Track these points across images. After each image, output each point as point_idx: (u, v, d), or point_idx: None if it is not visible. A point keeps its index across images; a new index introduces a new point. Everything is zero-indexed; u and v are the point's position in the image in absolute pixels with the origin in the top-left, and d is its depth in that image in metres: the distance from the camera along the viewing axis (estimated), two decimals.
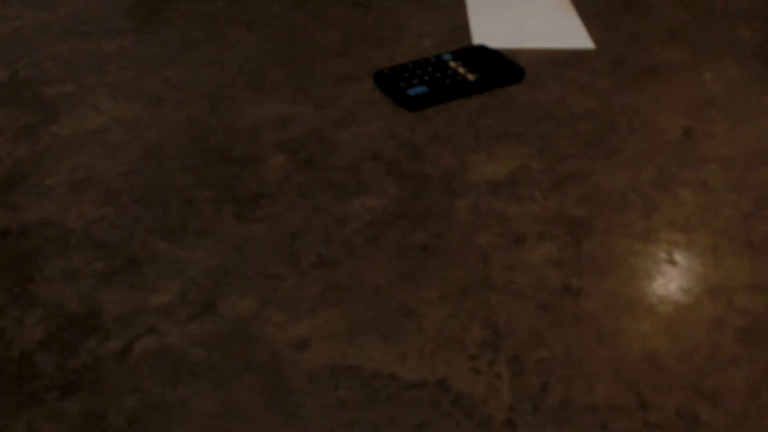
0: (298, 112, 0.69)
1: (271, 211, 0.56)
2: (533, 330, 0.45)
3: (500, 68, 0.74)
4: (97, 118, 0.69)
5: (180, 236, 0.53)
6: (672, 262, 0.51)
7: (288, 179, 0.59)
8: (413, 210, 0.56)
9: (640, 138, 0.65)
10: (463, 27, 0.87)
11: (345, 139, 0.65)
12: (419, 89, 0.70)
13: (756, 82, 0.75)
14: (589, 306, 0.47)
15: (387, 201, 0.57)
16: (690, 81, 0.75)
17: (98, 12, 0.93)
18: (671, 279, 0.49)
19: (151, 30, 0.88)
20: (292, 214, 0.55)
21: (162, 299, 0.48)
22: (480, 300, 0.47)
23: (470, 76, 0.72)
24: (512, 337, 0.45)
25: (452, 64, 0.75)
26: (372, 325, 0.46)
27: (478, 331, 0.45)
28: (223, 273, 0.50)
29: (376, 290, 0.48)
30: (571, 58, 0.80)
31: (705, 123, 0.68)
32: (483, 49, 0.78)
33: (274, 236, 0.53)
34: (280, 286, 0.48)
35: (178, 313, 0.47)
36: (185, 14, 0.92)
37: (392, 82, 0.71)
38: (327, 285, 0.49)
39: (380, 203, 0.56)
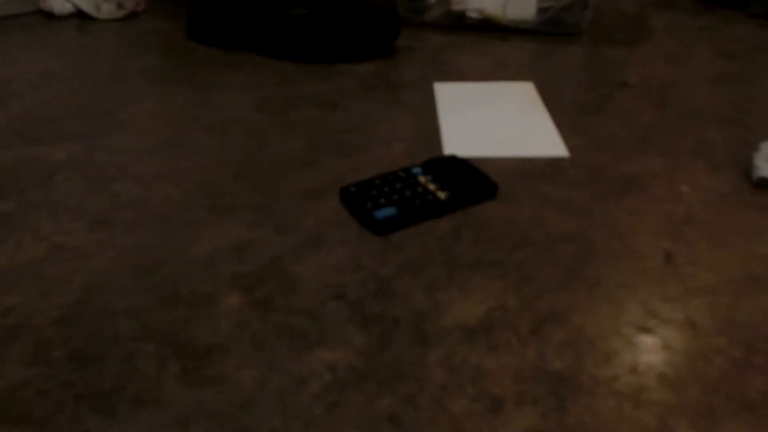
0: (258, 238, 0.64)
1: (221, 370, 0.50)
2: None
3: (473, 183, 0.70)
4: (35, 245, 0.63)
5: (115, 406, 0.47)
6: (666, 431, 0.46)
7: (242, 326, 0.54)
8: (380, 366, 0.50)
9: (621, 266, 0.62)
10: (434, 131, 0.84)
11: (306, 272, 0.60)
12: (387, 211, 0.65)
13: (732, 195, 0.73)
14: None
15: (350, 354, 0.51)
16: (666, 195, 0.72)
17: (54, 110, 0.88)
18: None
19: (105, 134, 0.83)
20: (245, 374, 0.50)
21: None
22: None
23: (441, 194, 0.68)
24: None
25: (422, 179, 0.71)
26: None
27: None
28: None
29: None
30: (546, 168, 0.77)
31: (685, 245, 0.64)
32: (454, 161, 0.74)
33: (223, 405, 0.47)
34: None
35: None
36: (143, 115, 0.88)
37: (358, 201, 0.67)
38: None
39: (343, 358, 0.51)
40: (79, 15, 1.23)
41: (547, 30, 1.17)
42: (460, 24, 1.20)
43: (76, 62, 1.04)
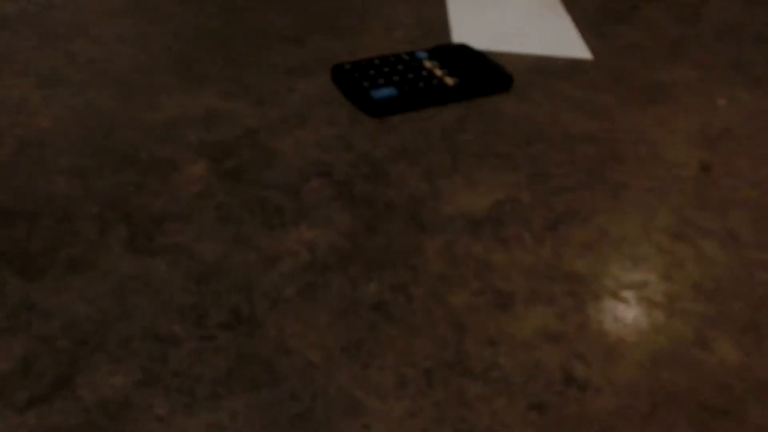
0: (232, 109, 0.55)
1: (177, 239, 0.41)
2: None
3: (484, 73, 0.61)
4: None
5: (44, 269, 0.38)
6: (703, 345, 0.39)
7: (205, 195, 0.45)
8: (368, 250, 0.42)
9: (650, 172, 0.53)
10: (442, 22, 0.74)
11: (287, 147, 0.51)
12: (385, 91, 0.56)
13: None
14: (599, 405, 0.34)
15: (334, 235, 0.43)
16: (701, 106, 0.64)
17: None
18: (705, 373, 0.37)
19: None
20: (205, 246, 0.41)
21: None
22: (451, 390, 0.34)
23: (449, 80, 0.59)
24: None
25: (427, 63, 0.62)
26: (298, 426, 0.32)
27: None
28: (94, 330, 0.35)
29: (308, 369, 0.34)
30: (565, 68, 0.68)
31: (723, 157, 0.56)
32: (465, 50, 0.65)
33: (175, 278, 0.39)
34: (170, 356, 0.34)
35: (14, 394, 0.32)
36: None
37: (353, 80, 0.58)
38: (239, 358, 0.35)
39: (325, 238, 0.43)
40: None
41: None
42: None
43: None
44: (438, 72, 0.60)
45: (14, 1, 0.69)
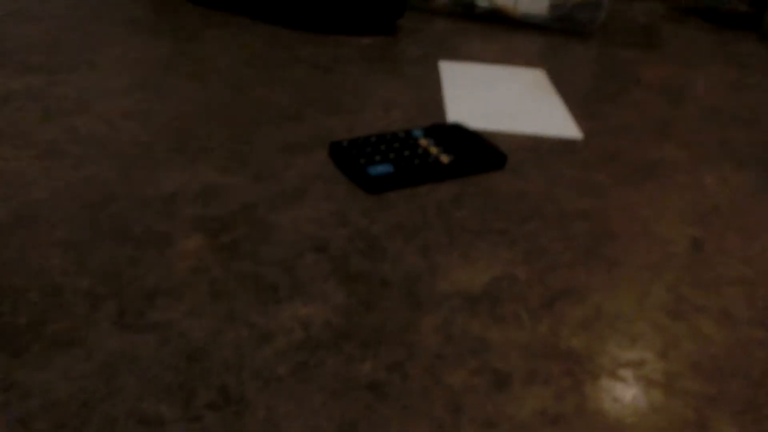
0: (230, 184, 0.55)
1: (168, 315, 0.41)
2: None
3: (479, 151, 0.62)
4: None
5: (27, 345, 0.37)
6: (704, 426, 0.38)
7: (199, 271, 0.45)
8: (363, 327, 0.42)
9: (644, 248, 0.54)
10: (437, 102, 0.77)
11: (283, 221, 0.51)
12: (382, 168, 0.57)
13: (762, 191, 0.66)
14: None
15: (329, 312, 0.42)
16: (690, 184, 0.65)
17: (18, 44, 0.79)
18: None
19: (72, 71, 0.74)
20: (197, 323, 0.40)
21: None
22: None
23: (444, 158, 0.60)
24: None
25: (423, 141, 0.63)
26: None
27: None
28: (75, 410, 0.34)
29: None
30: (558, 147, 0.69)
31: (714, 234, 0.57)
32: (459, 129, 0.66)
33: (164, 355, 0.38)
34: None
35: None
36: (119, 58, 0.79)
37: (350, 157, 0.59)
38: None
39: (319, 314, 0.42)
40: None
41: (559, 27, 1.11)
42: (468, 13, 1.14)
43: (58, 5, 0.96)
44: (433, 150, 0.61)
45: (20, 78, 0.71)
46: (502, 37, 1.05)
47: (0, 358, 0.36)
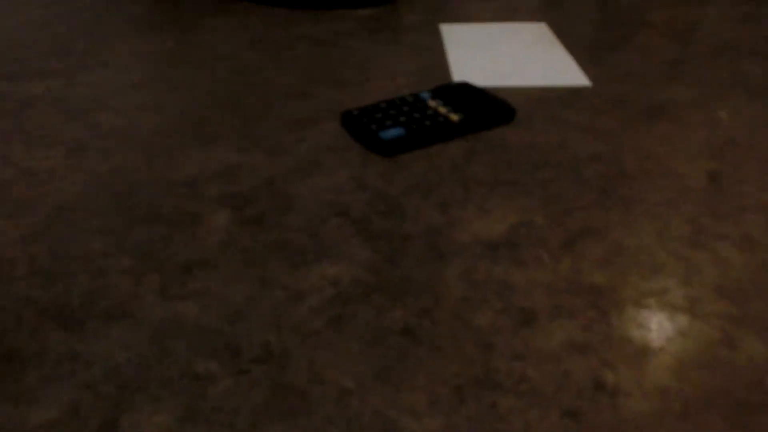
0: (248, 161, 0.57)
1: (206, 284, 0.43)
2: None
3: (487, 107, 0.63)
4: (2, 170, 0.56)
5: (83, 321, 0.40)
6: (730, 345, 0.39)
7: (230, 243, 0.47)
8: (390, 280, 0.43)
9: (660, 185, 0.55)
10: (442, 65, 0.77)
11: (303, 192, 0.53)
12: (394, 131, 0.58)
13: None
14: (631, 409, 0.35)
15: (356, 269, 0.44)
16: (703, 121, 0.65)
17: (31, 51, 0.82)
18: (735, 372, 0.37)
19: (86, 71, 0.76)
20: (233, 289, 0.43)
21: (43, 416, 0.34)
22: (484, 405, 0.35)
23: (453, 116, 0.61)
24: None
25: (431, 103, 0.64)
26: None
27: None
28: (135, 373, 0.36)
29: (342, 395, 0.35)
30: (566, 96, 0.70)
31: (731, 166, 0.57)
32: (466, 87, 0.67)
33: (208, 320, 0.40)
34: (209, 392, 0.35)
35: None
36: (128, 54, 0.81)
37: (362, 124, 0.60)
38: (274, 389, 0.35)
39: (347, 272, 0.44)
40: None
41: None
42: None
43: (61, 11, 0.98)
44: (442, 110, 0.63)
45: (40, 82, 0.73)
46: None
47: (61, 334, 0.39)
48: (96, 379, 0.36)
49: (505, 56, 0.79)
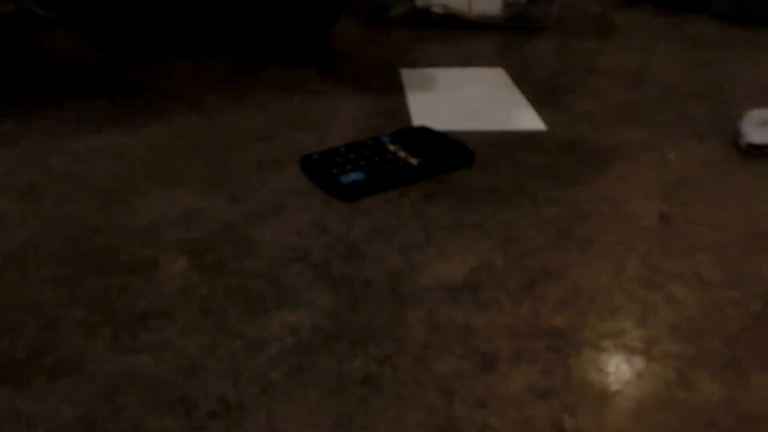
0: (208, 206, 0.57)
1: (161, 335, 0.42)
2: None
3: (446, 151, 0.64)
4: None
5: (29, 377, 0.38)
6: (686, 385, 0.39)
7: (188, 291, 0.46)
8: (350, 327, 0.43)
9: (614, 226, 0.56)
10: (402, 109, 0.79)
11: (264, 236, 0.53)
12: (354, 176, 0.59)
13: (722, 161, 0.68)
14: None
15: (316, 316, 0.44)
16: (654, 162, 0.68)
17: None
18: (692, 413, 0.38)
19: (42, 114, 0.75)
20: (189, 340, 0.42)
21: None
22: None
23: (413, 160, 0.62)
24: None
25: (391, 147, 0.65)
26: None
27: None
28: None
29: None
30: (523, 139, 0.72)
31: (682, 206, 0.59)
32: (426, 131, 0.68)
33: (162, 372, 0.39)
34: None
35: None
36: (84, 98, 0.80)
37: (322, 168, 0.60)
38: None
39: (307, 319, 0.43)
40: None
41: (513, 25, 1.15)
42: (425, 21, 1.16)
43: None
44: (402, 154, 0.63)
45: None
46: (460, 41, 1.08)
47: (3, 391, 0.37)
48: None
49: (464, 101, 0.81)
